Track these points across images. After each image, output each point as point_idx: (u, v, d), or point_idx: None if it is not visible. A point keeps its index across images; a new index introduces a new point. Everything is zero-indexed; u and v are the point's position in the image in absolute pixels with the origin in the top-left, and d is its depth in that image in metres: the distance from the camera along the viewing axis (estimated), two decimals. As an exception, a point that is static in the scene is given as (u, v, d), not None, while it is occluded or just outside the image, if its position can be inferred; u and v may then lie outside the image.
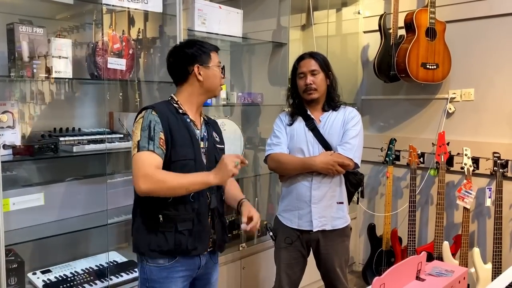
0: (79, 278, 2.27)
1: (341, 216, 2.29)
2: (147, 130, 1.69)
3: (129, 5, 2.28)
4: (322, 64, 2.26)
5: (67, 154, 2.22)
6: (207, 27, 2.61)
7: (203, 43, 1.87)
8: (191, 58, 1.81)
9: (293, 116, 2.31)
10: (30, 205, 2.18)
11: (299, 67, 2.27)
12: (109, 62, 2.28)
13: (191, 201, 1.76)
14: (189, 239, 1.75)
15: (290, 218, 2.29)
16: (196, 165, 1.77)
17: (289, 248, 2.30)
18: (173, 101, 1.84)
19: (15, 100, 2.17)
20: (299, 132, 2.27)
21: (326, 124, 2.27)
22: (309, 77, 2.23)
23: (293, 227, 2.29)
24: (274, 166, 2.29)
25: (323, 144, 2.23)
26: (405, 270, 1.51)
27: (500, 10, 2.91)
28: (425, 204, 3.36)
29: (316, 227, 2.24)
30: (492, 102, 3.01)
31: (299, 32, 3.73)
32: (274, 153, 2.26)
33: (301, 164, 2.21)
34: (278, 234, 2.34)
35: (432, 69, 3.05)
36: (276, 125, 2.34)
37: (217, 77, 1.86)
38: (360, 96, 3.72)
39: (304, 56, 2.28)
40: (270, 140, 2.32)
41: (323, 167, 2.17)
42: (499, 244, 2.78)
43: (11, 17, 2.07)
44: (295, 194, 2.27)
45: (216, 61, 1.85)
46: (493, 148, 2.91)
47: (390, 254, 3.29)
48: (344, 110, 2.32)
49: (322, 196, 2.24)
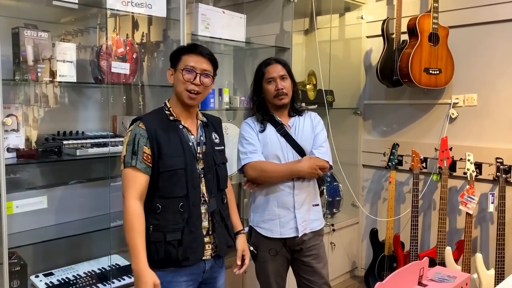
0: (82, 281, 2.28)
1: (317, 218, 2.30)
2: (131, 145, 1.70)
3: (133, 10, 2.29)
4: (289, 70, 2.26)
5: (71, 158, 2.22)
6: (211, 31, 2.62)
7: (186, 45, 1.85)
8: (170, 61, 1.82)
9: (262, 122, 2.25)
10: (34, 208, 2.19)
11: (267, 72, 2.22)
12: (113, 66, 2.30)
13: (181, 211, 1.73)
14: (179, 250, 1.72)
15: (270, 228, 2.22)
16: (187, 173, 1.75)
17: (275, 258, 2.24)
18: (165, 107, 1.82)
19: (19, 104, 2.18)
20: (272, 138, 2.22)
21: (297, 129, 2.26)
22: (280, 82, 2.19)
23: (275, 237, 2.21)
24: (256, 174, 2.18)
25: (296, 149, 2.23)
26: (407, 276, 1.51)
27: (503, 15, 2.91)
28: (427, 209, 3.35)
29: (301, 232, 2.21)
30: (495, 107, 3.01)
31: (302, 36, 3.74)
32: (254, 161, 2.17)
33: (288, 171, 2.17)
34: (260, 246, 2.25)
35: (435, 74, 3.05)
36: (247, 133, 2.24)
37: (179, 80, 1.75)
38: (362, 100, 3.72)
39: (270, 62, 2.25)
40: (243, 148, 2.21)
41: (310, 172, 2.17)
42: (502, 250, 2.77)
43: (16, 21, 2.09)
44: (276, 202, 2.21)
45: (184, 63, 1.75)
46: (496, 154, 2.90)
47: (393, 259, 3.28)
48: (309, 114, 2.34)
49: (303, 201, 2.23)
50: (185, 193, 1.74)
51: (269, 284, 2.27)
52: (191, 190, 1.75)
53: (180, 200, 1.73)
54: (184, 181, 1.74)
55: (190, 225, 1.75)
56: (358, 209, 3.74)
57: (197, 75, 1.75)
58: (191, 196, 1.75)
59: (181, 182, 1.74)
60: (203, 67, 1.77)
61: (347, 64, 3.75)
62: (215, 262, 1.89)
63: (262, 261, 2.26)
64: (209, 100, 2.75)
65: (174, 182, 1.72)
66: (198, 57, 1.77)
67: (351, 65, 3.73)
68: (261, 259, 2.26)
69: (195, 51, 1.77)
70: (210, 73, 1.80)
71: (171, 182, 1.72)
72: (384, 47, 3.28)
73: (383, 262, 3.30)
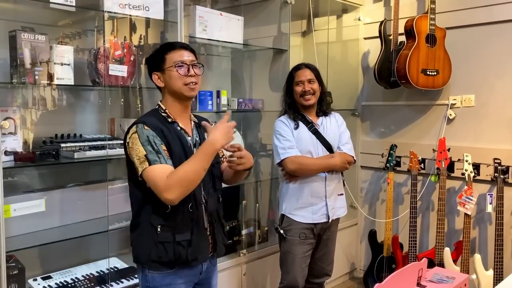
0: (80, 284, 2.27)
1: (342, 206, 2.61)
2: (149, 145, 1.65)
3: (130, 12, 2.29)
4: (317, 74, 2.52)
5: (69, 160, 2.22)
6: (208, 33, 2.62)
7: (160, 47, 1.82)
8: (149, 67, 1.81)
9: (295, 120, 2.51)
10: (31, 211, 2.19)
11: (296, 76, 2.50)
12: (111, 69, 2.29)
13: (190, 211, 1.73)
14: (189, 250, 1.73)
15: (303, 214, 2.48)
16: None
17: (303, 242, 2.48)
18: (161, 109, 1.80)
19: (16, 107, 2.18)
20: (305, 135, 2.48)
21: (325, 128, 2.54)
22: (307, 84, 2.47)
23: (307, 222, 2.47)
24: (295, 168, 2.43)
25: (325, 145, 2.50)
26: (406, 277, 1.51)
27: (501, 16, 2.92)
28: (426, 210, 3.35)
29: (331, 218, 2.51)
30: (493, 108, 3.01)
31: (299, 38, 3.74)
32: (293, 156, 2.42)
33: (325, 165, 2.46)
34: (291, 231, 2.49)
35: (432, 75, 3.06)
36: (283, 130, 2.48)
37: (174, 77, 1.75)
38: (360, 102, 3.73)
39: (301, 67, 2.53)
40: (281, 144, 2.46)
41: (342, 166, 2.49)
42: (500, 250, 2.77)
43: (13, 24, 2.09)
44: (309, 191, 2.47)
45: (171, 61, 1.75)
46: (493, 154, 2.91)
47: (391, 260, 3.28)
48: (334, 115, 2.62)
49: (332, 190, 2.52)
50: (192, 193, 1.72)
51: (293, 269, 2.50)
52: (196, 190, 1.74)
53: (189, 200, 1.72)
54: None
55: (198, 226, 1.76)
56: (357, 211, 3.74)
57: (189, 67, 1.76)
58: (197, 196, 1.76)
59: None
60: (190, 58, 1.78)
61: (345, 66, 3.75)
62: (210, 262, 1.89)
63: (291, 243, 2.50)
64: (207, 102, 2.75)
65: None
66: (181, 51, 1.78)
67: (349, 66, 3.74)
68: (291, 241, 2.50)
69: (177, 47, 1.79)
70: (198, 63, 1.82)
71: None
72: (382, 49, 3.28)
73: (382, 263, 3.30)
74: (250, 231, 3.15)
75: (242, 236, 3.07)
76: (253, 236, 3.14)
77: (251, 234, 3.14)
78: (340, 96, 3.64)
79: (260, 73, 3.32)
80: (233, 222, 3.00)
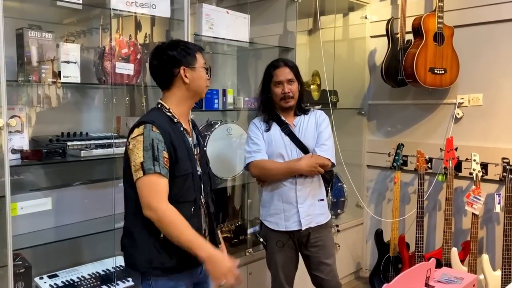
0: (86, 283, 2.27)
1: (323, 212, 2.40)
2: (150, 150, 1.62)
3: (136, 10, 2.29)
4: (296, 73, 2.34)
5: (75, 159, 2.22)
6: (214, 32, 2.61)
7: (187, 43, 1.81)
8: (177, 60, 1.73)
9: (268, 122, 2.36)
10: (38, 209, 2.19)
11: (275, 75, 2.32)
12: (117, 67, 2.29)
13: (192, 215, 1.72)
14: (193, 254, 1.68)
15: (276, 221, 2.35)
16: (194, 179, 1.74)
17: (283, 249, 2.36)
18: (164, 109, 1.75)
19: (23, 105, 2.18)
20: (276, 137, 2.33)
21: (301, 128, 2.35)
22: (287, 85, 2.30)
23: (281, 230, 2.34)
24: (258, 172, 2.33)
25: (300, 147, 2.32)
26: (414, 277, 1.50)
27: (509, 15, 2.89)
28: (433, 209, 3.33)
29: (304, 225, 2.31)
30: (501, 107, 2.99)
31: (306, 37, 3.73)
32: (257, 160, 2.30)
33: (287, 169, 2.28)
34: (269, 239, 2.39)
35: (440, 74, 3.04)
36: (253, 132, 2.36)
37: (203, 78, 1.79)
38: (367, 100, 3.71)
39: (279, 64, 2.34)
40: (248, 147, 2.34)
41: (308, 170, 2.26)
42: (508, 250, 2.75)
43: (20, 22, 2.09)
44: (279, 196, 2.33)
45: (201, 62, 1.78)
46: (502, 154, 2.88)
47: (398, 260, 3.26)
48: (314, 113, 2.41)
49: (306, 196, 2.33)
50: (194, 198, 1.73)
51: (277, 274, 2.39)
52: (197, 194, 1.75)
53: (191, 204, 1.72)
54: (192, 185, 1.73)
55: (199, 229, 1.75)
56: (363, 210, 3.72)
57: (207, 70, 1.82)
58: (197, 200, 1.76)
59: (191, 186, 1.73)
60: None
61: (351, 64, 3.73)
62: None
63: (271, 252, 2.40)
64: (213, 101, 2.74)
65: (187, 187, 1.71)
66: (202, 55, 1.82)
67: (355, 65, 3.72)
68: (270, 250, 2.40)
69: (201, 50, 1.82)
70: None
71: (184, 187, 1.70)
72: (389, 47, 3.26)
73: (388, 263, 3.28)
74: (255, 230, 3.14)
75: (247, 235, 3.06)
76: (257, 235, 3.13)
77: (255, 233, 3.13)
78: (346, 94, 3.62)
79: (266, 71, 3.30)
80: (238, 221, 3.00)
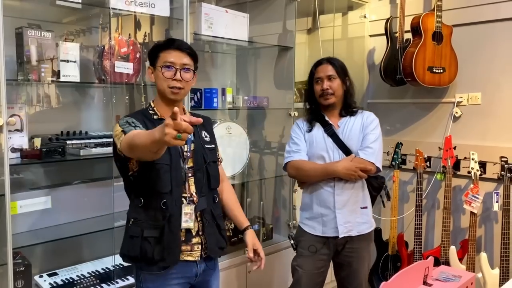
0: (86, 281, 2.28)
1: (366, 221, 2.28)
2: (126, 124, 1.62)
3: (136, 9, 2.29)
4: (339, 70, 2.25)
5: (74, 158, 2.23)
6: (214, 31, 2.62)
7: (163, 41, 1.77)
8: (149, 59, 1.78)
9: (311, 122, 2.29)
10: (38, 208, 2.20)
11: (316, 72, 2.26)
12: (117, 66, 2.30)
13: (163, 208, 1.68)
14: (156, 248, 1.66)
15: (313, 225, 2.26)
16: (172, 171, 1.70)
17: (313, 257, 2.25)
18: (149, 107, 1.79)
19: (22, 104, 2.19)
20: (318, 138, 2.25)
21: (345, 130, 2.25)
22: (326, 82, 2.21)
23: (317, 235, 2.25)
24: (294, 173, 2.28)
25: (343, 150, 2.22)
26: (412, 275, 1.51)
27: (508, 14, 2.89)
28: (431, 208, 3.34)
29: (342, 233, 2.21)
30: (499, 106, 2.99)
31: (305, 36, 3.73)
32: (294, 160, 2.24)
33: (323, 171, 2.19)
34: (301, 242, 2.30)
35: (438, 73, 3.04)
36: (294, 132, 2.31)
37: (159, 78, 1.71)
38: (366, 99, 3.71)
39: (322, 62, 2.27)
40: (288, 147, 2.29)
41: (346, 173, 2.15)
42: (506, 249, 2.76)
43: (19, 21, 2.09)
44: (318, 200, 2.25)
45: (162, 60, 1.70)
46: (500, 153, 2.89)
47: (396, 258, 3.27)
48: (362, 114, 2.31)
49: (345, 201, 2.21)
50: (169, 190, 1.69)
51: (300, 283, 2.26)
52: (174, 188, 1.70)
53: (164, 197, 1.69)
54: (168, 178, 1.69)
55: (171, 225, 1.69)
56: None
57: (177, 71, 1.70)
58: (174, 195, 1.71)
59: (166, 178, 1.68)
60: (182, 61, 1.71)
61: (350, 63, 3.69)
62: (207, 266, 1.83)
63: (299, 255, 2.29)
64: (212, 99, 2.75)
65: (159, 177, 1.67)
66: (176, 52, 1.71)
67: (354, 64, 3.72)
68: (299, 253, 2.30)
69: (173, 46, 1.72)
70: (191, 67, 1.75)
71: (156, 177, 1.67)
72: (388, 46, 3.26)
73: (387, 262, 3.29)
74: (255, 229, 3.15)
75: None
76: (257, 234, 3.13)
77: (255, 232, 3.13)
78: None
79: (265, 70, 3.31)
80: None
